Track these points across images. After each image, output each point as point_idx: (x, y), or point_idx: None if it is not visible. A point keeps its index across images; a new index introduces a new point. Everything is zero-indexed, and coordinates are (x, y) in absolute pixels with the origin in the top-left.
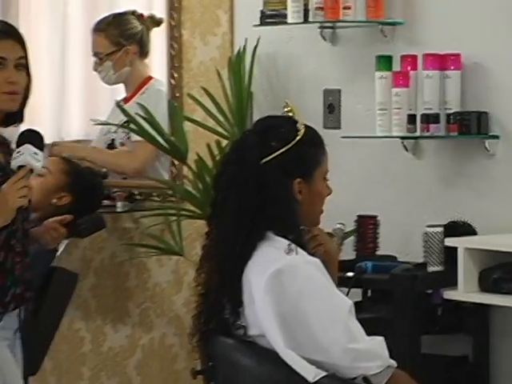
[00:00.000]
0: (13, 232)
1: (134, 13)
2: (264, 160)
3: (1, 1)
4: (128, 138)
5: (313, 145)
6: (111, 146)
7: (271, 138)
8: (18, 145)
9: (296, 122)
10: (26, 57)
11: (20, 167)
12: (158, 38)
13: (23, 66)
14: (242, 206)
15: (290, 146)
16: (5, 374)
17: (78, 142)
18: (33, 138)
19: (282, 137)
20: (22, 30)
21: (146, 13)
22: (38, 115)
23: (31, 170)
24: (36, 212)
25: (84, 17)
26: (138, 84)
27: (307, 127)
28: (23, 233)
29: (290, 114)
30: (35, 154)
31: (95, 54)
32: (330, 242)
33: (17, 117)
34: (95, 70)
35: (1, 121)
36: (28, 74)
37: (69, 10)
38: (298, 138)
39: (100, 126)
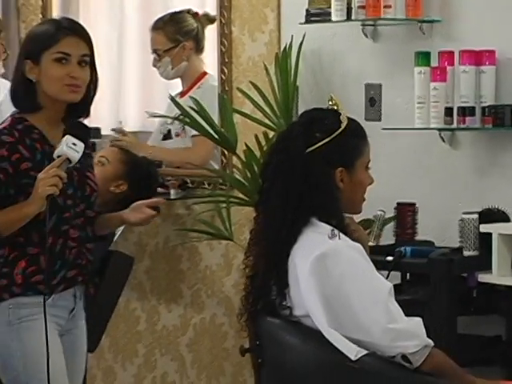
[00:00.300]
0: (65, 219)
1: (189, 11)
2: (308, 150)
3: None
4: (183, 129)
5: (355, 136)
6: (167, 136)
7: (316, 129)
8: (63, 136)
9: (339, 114)
10: (90, 54)
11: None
12: (209, 35)
13: (86, 62)
14: (288, 194)
15: (332, 136)
16: (26, 347)
17: (135, 133)
18: (75, 129)
19: (326, 128)
20: None
21: (200, 11)
22: (97, 108)
23: (69, 160)
24: None
25: (140, 15)
26: (194, 79)
27: (350, 119)
28: (85, 220)
29: (335, 107)
30: (74, 144)
31: (154, 51)
32: (361, 229)
33: (81, 110)
34: (154, 65)
35: (66, 113)
36: (93, 71)
37: (125, 8)
38: (341, 129)
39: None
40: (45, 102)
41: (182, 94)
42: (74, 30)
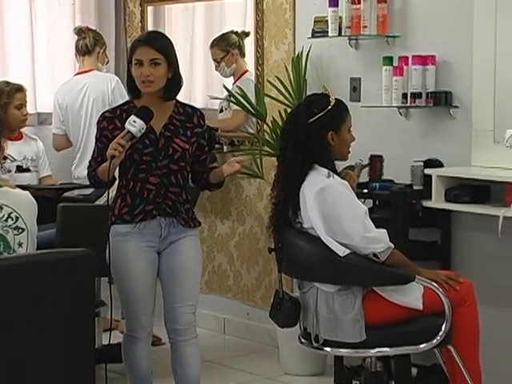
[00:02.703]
0: (141, 170)
1: (232, 31)
2: (309, 121)
3: (153, 22)
4: (229, 105)
5: (340, 110)
6: (221, 110)
7: (314, 107)
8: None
9: (329, 97)
10: (162, 57)
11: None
12: (249, 47)
13: (157, 63)
14: (297, 149)
15: (324, 111)
16: (114, 260)
17: (203, 109)
18: (138, 111)
19: (320, 106)
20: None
21: (239, 30)
22: None
23: (131, 134)
24: None
25: (204, 32)
26: (239, 74)
27: (337, 100)
28: (169, 171)
29: (326, 92)
30: (134, 121)
31: (214, 60)
32: (353, 178)
33: (170, 94)
34: (216, 70)
35: (160, 98)
36: (170, 68)
37: (195, 28)
38: (330, 106)
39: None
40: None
41: (232, 84)
42: (145, 41)
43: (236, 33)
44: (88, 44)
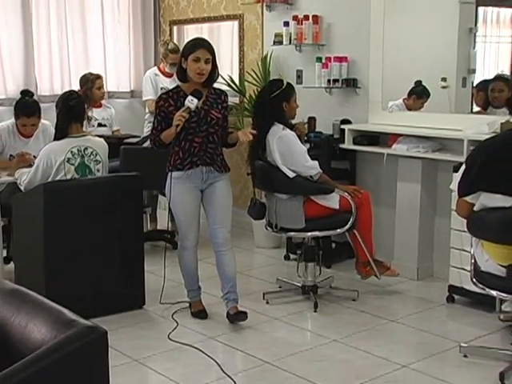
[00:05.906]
0: (189, 133)
1: None
2: (271, 96)
3: (177, 37)
4: None
5: (289, 89)
6: None
7: (274, 87)
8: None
9: (282, 80)
10: (210, 57)
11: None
12: (236, 51)
13: (208, 62)
14: (264, 113)
15: (280, 90)
16: (172, 196)
17: None
18: (194, 92)
19: (278, 86)
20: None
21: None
22: None
23: (189, 108)
24: None
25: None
26: None
27: (288, 83)
28: (207, 134)
29: (282, 78)
30: (192, 100)
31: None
32: (302, 131)
33: (210, 83)
34: None
35: (203, 85)
36: (214, 66)
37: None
38: (283, 87)
39: None
40: (189, 78)
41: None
42: (202, 45)
43: None
44: None
